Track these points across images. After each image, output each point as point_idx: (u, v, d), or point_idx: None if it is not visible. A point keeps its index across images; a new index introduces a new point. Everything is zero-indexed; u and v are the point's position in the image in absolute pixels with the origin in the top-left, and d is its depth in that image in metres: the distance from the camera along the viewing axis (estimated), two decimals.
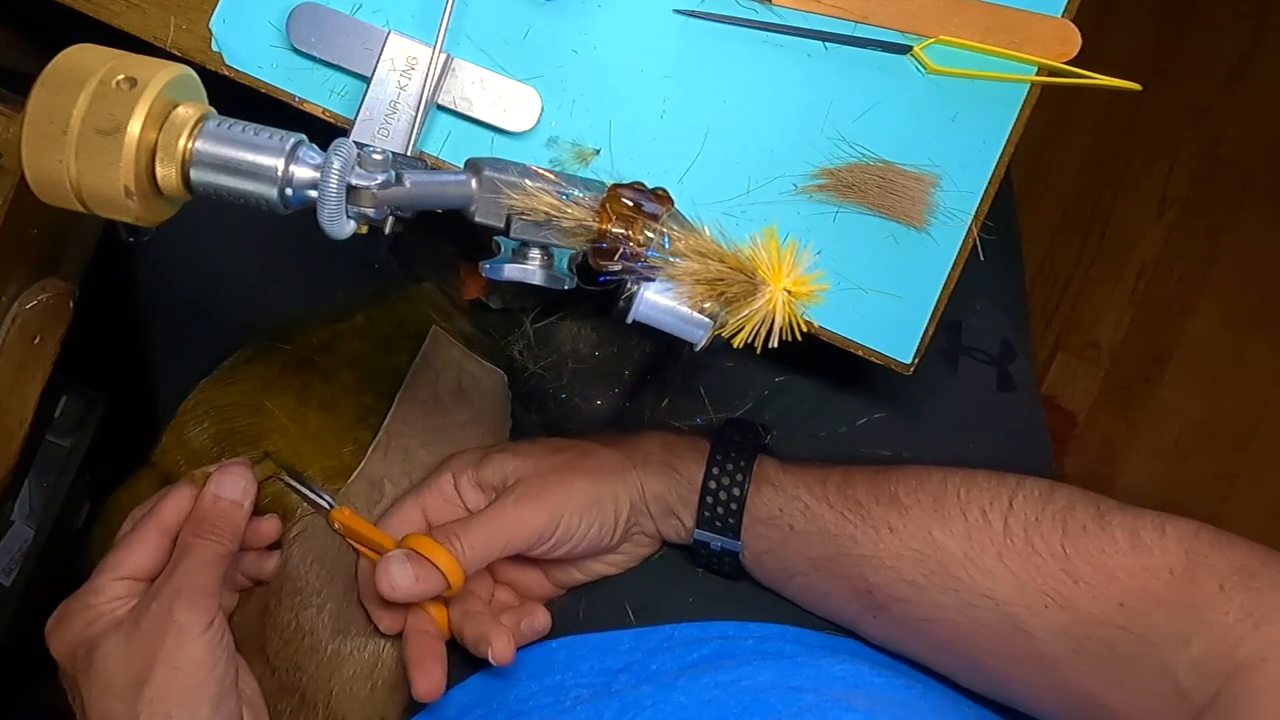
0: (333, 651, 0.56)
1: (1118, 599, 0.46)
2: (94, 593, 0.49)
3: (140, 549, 0.51)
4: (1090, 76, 0.49)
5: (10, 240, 0.51)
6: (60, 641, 0.49)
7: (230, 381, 0.60)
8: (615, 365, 0.66)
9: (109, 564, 0.50)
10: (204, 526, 0.50)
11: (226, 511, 0.51)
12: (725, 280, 0.40)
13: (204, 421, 0.59)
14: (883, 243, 0.50)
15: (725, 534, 0.54)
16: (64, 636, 0.49)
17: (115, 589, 0.49)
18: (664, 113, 0.49)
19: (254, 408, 0.59)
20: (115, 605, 0.49)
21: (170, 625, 0.46)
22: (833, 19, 0.49)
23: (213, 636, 0.47)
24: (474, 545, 0.52)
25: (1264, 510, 1.32)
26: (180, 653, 0.46)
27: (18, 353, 0.55)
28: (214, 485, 0.52)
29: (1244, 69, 1.34)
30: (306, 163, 0.37)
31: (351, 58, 0.47)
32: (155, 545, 0.51)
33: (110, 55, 0.36)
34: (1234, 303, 1.33)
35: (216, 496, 0.52)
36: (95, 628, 0.48)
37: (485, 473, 0.56)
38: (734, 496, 0.54)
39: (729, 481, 0.54)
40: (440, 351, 0.62)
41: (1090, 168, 1.35)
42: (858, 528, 0.52)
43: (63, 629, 0.49)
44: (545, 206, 0.40)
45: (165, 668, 0.46)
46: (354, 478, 0.58)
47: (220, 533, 0.50)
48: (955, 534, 0.50)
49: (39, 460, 0.83)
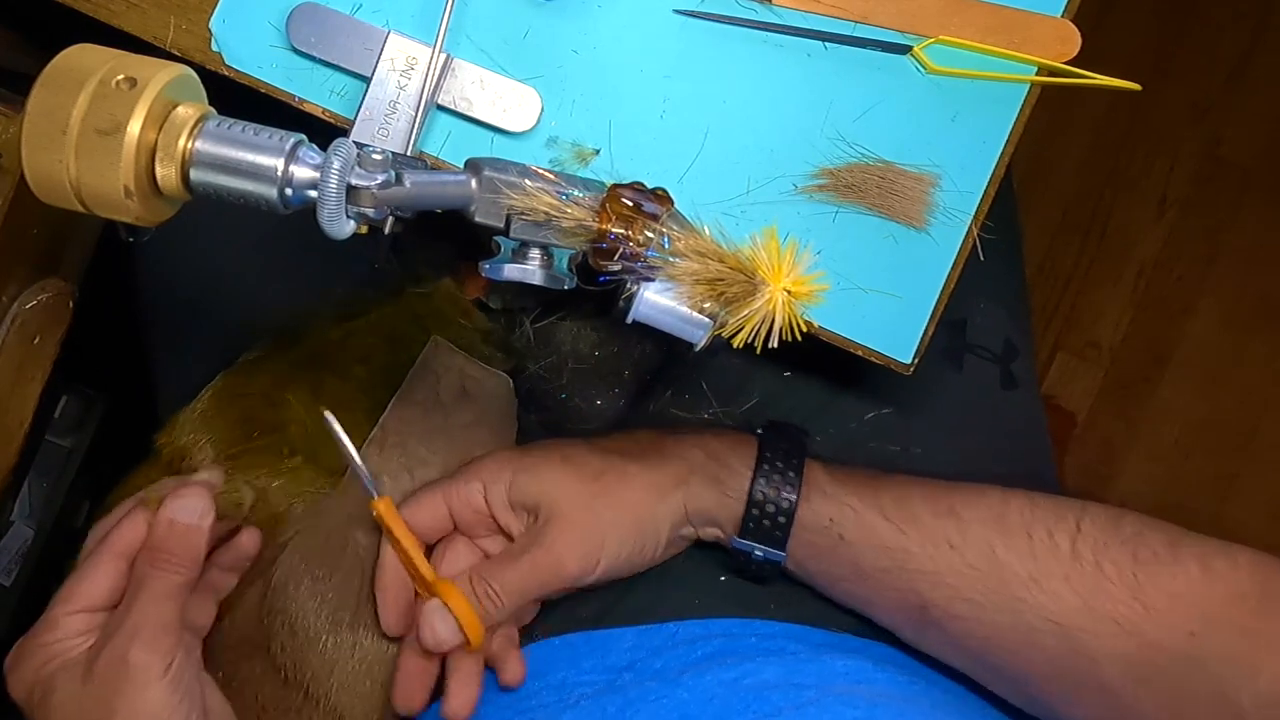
0: (332, 646, 0.56)
1: (1188, 628, 0.45)
2: (50, 628, 0.46)
3: (96, 578, 0.47)
4: (1090, 76, 0.49)
5: (10, 240, 0.51)
6: (18, 683, 0.46)
7: (249, 374, 0.61)
8: (615, 365, 0.66)
9: (63, 596, 0.47)
10: (159, 555, 0.46)
11: (183, 536, 0.47)
12: (725, 280, 0.40)
13: (226, 408, 0.59)
14: (883, 243, 0.50)
15: (771, 544, 0.53)
16: (21, 677, 0.46)
17: (72, 624, 0.46)
18: (664, 113, 0.49)
19: (272, 399, 0.59)
20: (71, 644, 0.46)
21: (126, 670, 0.43)
22: (832, 19, 0.49)
23: (173, 679, 0.44)
24: (510, 593, 0.50)
25: (1264, 510, 1.32)
26: (139, 698, 0.43)
27: (17, 353, 0.55)
28: (169, 509, 0.48)
29: (1244, 69, 1.34)
30: (306, 163, 0.37)
31: (351, 58, 0.47)
32: (111, 573, 0.47)
33: (110, 55, 0.36)
34: (1234, 302, 1.33)
35: (172, 521, 0.47)
36: (50, 667, 0.45)
37: (517, 492, 0.53)
38: (782, 509, 0.52)
39: (777, 494, 0.52)
40: (441, 357, 0.62)
41: (1090, 168, 1.35)
42: (914, 542, 0.51)
43: (19, 669, 0.46)
44: (545, 206, 0.40)
45: (124, 714, 0.43)
46: (349, 473, 0.58)
47: (178, 561, 0.46)
48: (1019, 553, 0.48)
49: (39, 460, 0.83)
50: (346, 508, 0.58)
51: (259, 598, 0.57)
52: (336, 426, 0.51)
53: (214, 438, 0.58)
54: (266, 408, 0.59)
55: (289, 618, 0.56)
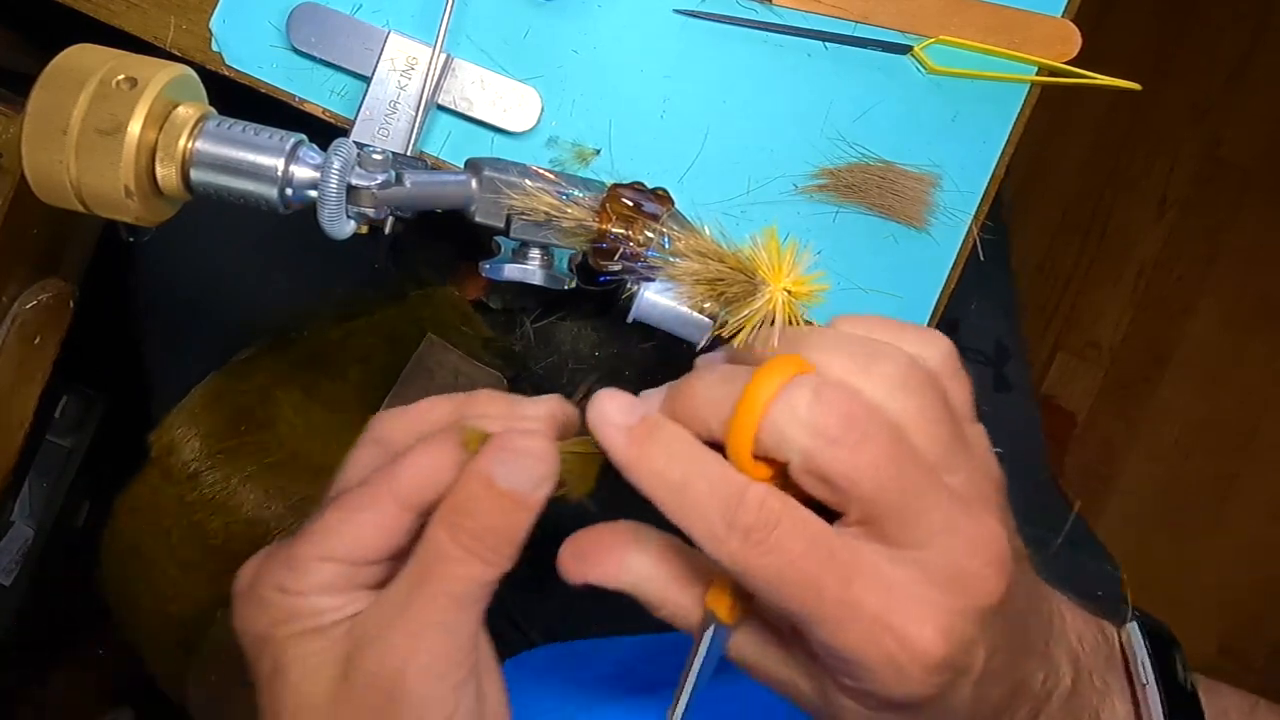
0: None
1: None
2: (292, 569, 0.33)
3: (366, 527, 0.33)
4: (1090, 76, 0.49)
5: (10, 240, 0.51)
6: (247, 624, 0.34)
7: (243, 373, 0.61)
8: (616, 365, 0.66)
9: (317, 532, 0.33)
10: (466, 528, 0.32)
11: (505, 510, 0.32)
12: (725, 280, 0.40)
13: (216, 405, 0.59)
14: (883, 243, 0.50)
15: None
16: (251, 622, 0.34)
17: (323, 574, 0.33)
18: (664, 113, 0.49)
19: (263, 397, 0.59)
20: (321, 604, 0.33)
21: (400, 699, 0.31)
22: (833, 19, 0.49)
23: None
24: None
25: (1264, 510, 1.32)
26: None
27: (18, 353, 0.55)
28: (491, 463, 0.32)
29: (1244, 69, 1.34)
30: (306, 163, 0.37)
31: (352, 58, 0.47)
32: (390, 524, 0.33)
33: (110, 55, 0.36)
34: (1234, 303, 1.33)
35: (491, 483, 0.31)
36: (288, 629, 0.33)
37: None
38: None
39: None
40: (435, 355, 0.63)
41: (1090, 168, 1.35)
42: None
43: (249, 607, 0.34)
44: (545, 206, 0.40)
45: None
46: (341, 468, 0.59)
47: (491, 544, 0.32)
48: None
49: (39, 460, 0.83)
50: None
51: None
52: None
53: (202, 432, 0.58)
54: (257, 405, 0.59)
55: None
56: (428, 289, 0.64)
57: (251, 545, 0.58)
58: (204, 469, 0.59)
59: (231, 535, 0.59)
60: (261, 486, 0.58)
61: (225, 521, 0.58)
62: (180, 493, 0.59)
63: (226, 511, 0.58)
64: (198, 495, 0.59)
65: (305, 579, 0.33)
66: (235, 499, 0.58)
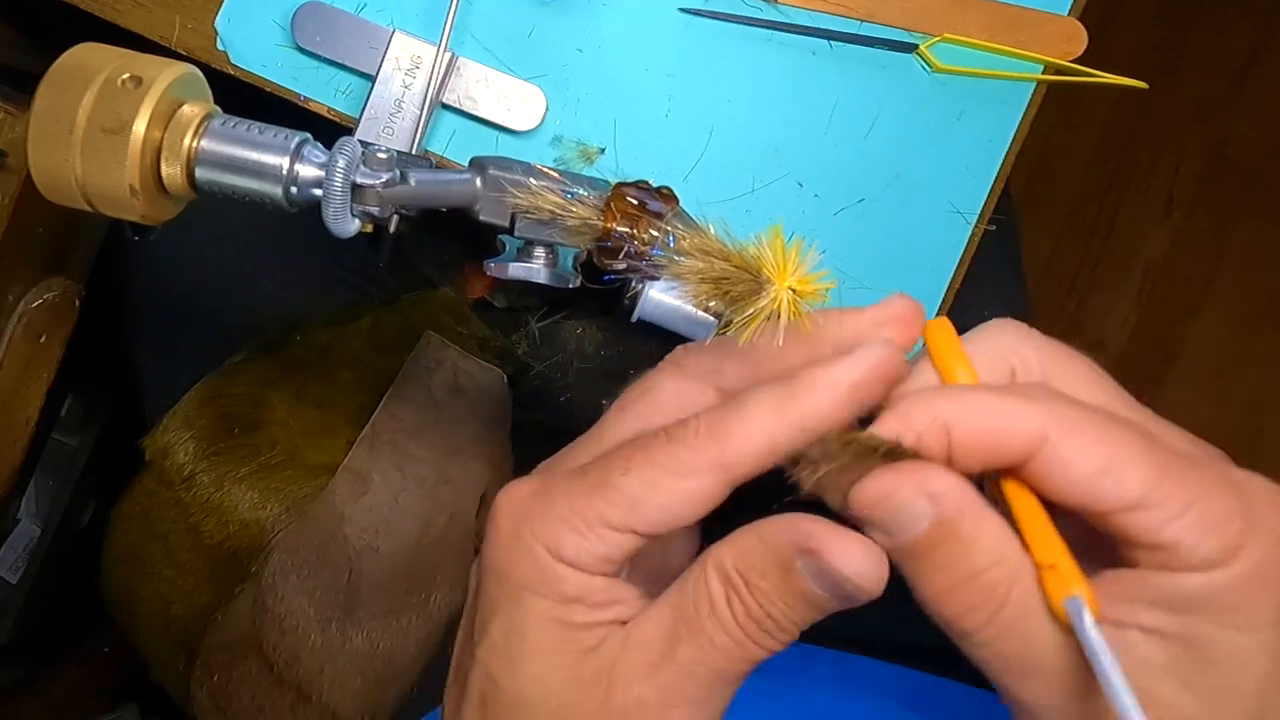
0: (322, 644, 0.56)
1: None
2: (577, 531, 0.27)
3: (677, 494, 0.26)
4: (1096, 75, 0.49)
5: (16, 239, 0.51)
6: (497, 556, 0.28)
7: (233, 376, 0.61)
8: (620, 365, 0.66)
9: (617, 491, 0.27)
10: (752, 611, 0.26)
11: (811, 607, 0.26)
12: (730, 279, 0.40)
13: (207, 408, 0.60)
14: (888, 240, 0.50)
15: None
16: (505, 558, 0.28)
17: (606, 545, 0.27)
18: (669, 111, 0.49)
19: (255, 399, 0.59)
20: (586, 585, 0.27)
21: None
22: (838, 17, 0.49)
23: None
24: None
25: None
26: None
27: (24, 351, 0.55)
28: (804, 543, 0.26)
29: (1251, 68, 1.33)
30: (311, 161, 0.37)
31: (356, 57, 0.48)
32: (706, 498, 0.27)
33: (116, 54, 0.36)
34: (1241, 303, 1.33)
35: (798, 570, 0.26)
36: (542, 605, 0.28)
37: None
38: None
39: None
40: (434, 351, 0.63)
41: (1096, 167, 1.35)
42: None
43: (506, 552, 0.28)
44: (550, 205, 0.40)
45: None
46: (340, 470, 0.59)
47: (775, 626, 0.27)
48: None
49: (45, 458, 0.83)
50: (334, 506, 0.58)
51: (251, 597, 0.58)
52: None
53: (195, 434, 0.59)
54: (249, 407, 0.60)
55: (279, 616, 0.56)
56: (418, 293, 0.64)
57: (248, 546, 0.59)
58: (198, 471, 0.59)
59: (228, 537, 0.59)
60: (256, 487, 0.58)
61: (221, 523, 0.59)
62: (176, 496, 0.59)
63: (222, 513, 0.58)
64: (193, 498, 0.59)
65: (589, 549, 0.27)
66: (230, 500, 0.58)
